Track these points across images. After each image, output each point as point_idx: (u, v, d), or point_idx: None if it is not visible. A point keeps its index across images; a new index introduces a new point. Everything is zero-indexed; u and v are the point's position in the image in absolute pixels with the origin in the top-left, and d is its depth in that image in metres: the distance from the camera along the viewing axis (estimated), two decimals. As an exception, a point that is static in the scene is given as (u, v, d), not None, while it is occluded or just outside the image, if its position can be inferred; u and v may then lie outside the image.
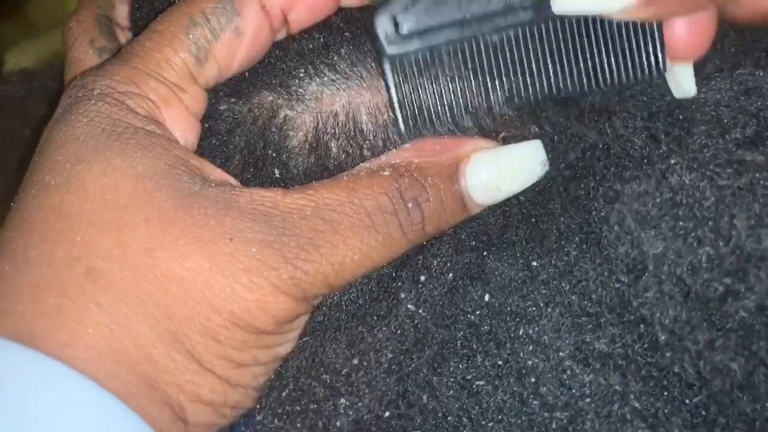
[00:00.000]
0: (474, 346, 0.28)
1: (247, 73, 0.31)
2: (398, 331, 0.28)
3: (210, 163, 0.28)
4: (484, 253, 0.29)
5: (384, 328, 0.29)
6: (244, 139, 0.31)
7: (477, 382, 0.27)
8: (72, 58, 0.33)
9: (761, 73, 0.28)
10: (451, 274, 0.29)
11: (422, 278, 0.29)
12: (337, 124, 0.30)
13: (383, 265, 0.28)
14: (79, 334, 0.24)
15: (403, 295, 0.29)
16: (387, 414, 0.28)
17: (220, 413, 0.27)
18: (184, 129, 0.29)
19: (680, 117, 0.28)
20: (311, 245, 0.26)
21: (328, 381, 0.28)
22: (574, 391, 0.26)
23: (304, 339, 0.29)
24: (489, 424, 0.27)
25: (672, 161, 0.27)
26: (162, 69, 0.28)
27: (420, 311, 0.29)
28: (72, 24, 0.34)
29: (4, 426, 0.23)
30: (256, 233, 0.26)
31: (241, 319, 0.26)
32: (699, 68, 0.28)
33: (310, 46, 0.30)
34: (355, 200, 0.27)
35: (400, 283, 0.29)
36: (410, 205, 0.27)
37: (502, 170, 0.28)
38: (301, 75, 0.30)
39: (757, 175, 0.26)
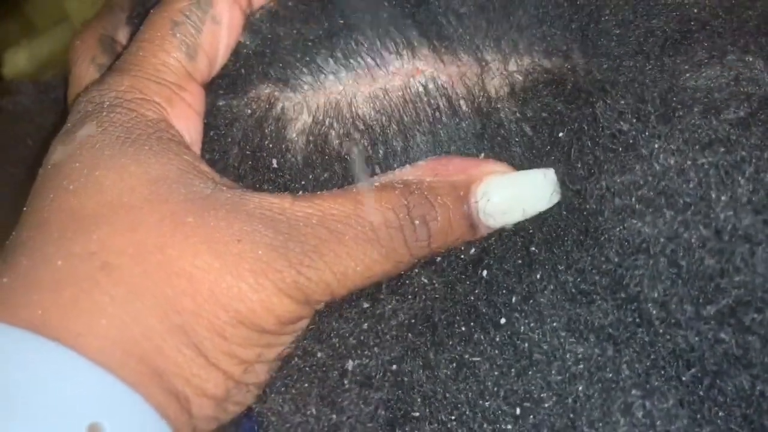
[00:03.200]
0: (472, 325, 0.28)
1: (243, 69, 0.31)
2: (410, 297, 0.29)
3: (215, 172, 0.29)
4: (492, 239, 0.29)
5: (396, 299, 0.29)
6: (242, 132, 0.31)
7: (473, 359, 0.28)
8: (75, 75, 0.35)
9: (750, 59, 0.28)
10: (463, 256, 0.29)
11: (438, 259, 0.30)
12: (335, 112, 0.30)
13: (387, 276, 0.28)
14: (92, 324, 0.25)
15: (416, 270, 0.29)
16: (395, 368, 0.28)
17: (222, 408, 0.28)
18: (188, 127, 0.30)
19: (673, 100, 0.28)
20: (315, 253, 0.27)
21: (337, 344, 0.29)
22: (568, 356, 0.27)
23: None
24: (486, 403, 0.27)
25: (656, 145, 0.27)
26: (160, 72, 0.30)
27: (435, 283, 0.29)
28: (76, 43, 0.36)
29: (18, 412, 0.23)
30: (263, 236, 0.26)
31: (246, 317, 0.26)
32: (690, 56, 0.29)
33: (306, 38, 0.31)
34: (361, 213, 0.27)
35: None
36: (417, 222, 0.28)
37: (513, 196, 0.28)
38: (298, 66, 0.31)
39: (744, 153, 0.26)
